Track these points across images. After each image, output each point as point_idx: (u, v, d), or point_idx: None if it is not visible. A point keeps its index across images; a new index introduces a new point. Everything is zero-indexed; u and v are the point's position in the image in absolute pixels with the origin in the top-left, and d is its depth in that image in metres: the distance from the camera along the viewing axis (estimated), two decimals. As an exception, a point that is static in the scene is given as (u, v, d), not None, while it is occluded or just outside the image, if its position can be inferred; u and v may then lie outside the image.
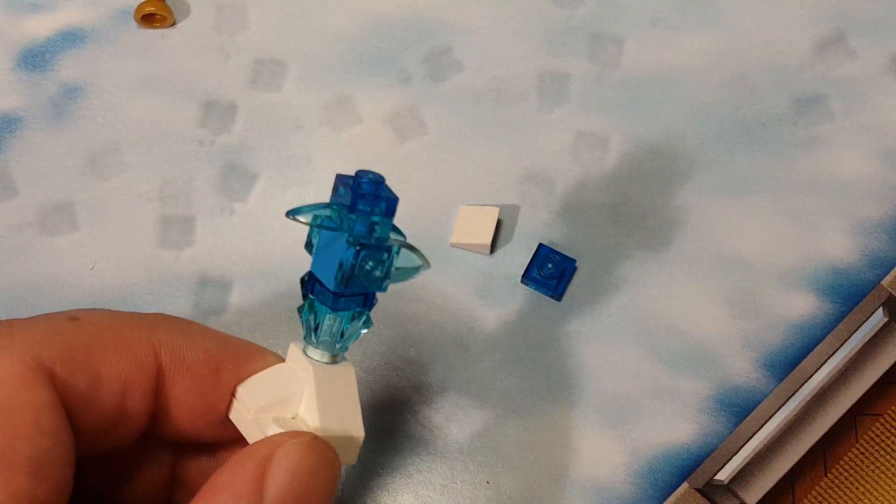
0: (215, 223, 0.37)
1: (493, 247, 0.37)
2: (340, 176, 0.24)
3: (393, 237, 0.25)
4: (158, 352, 0.24)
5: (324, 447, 0.23)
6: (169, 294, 0.36)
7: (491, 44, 0.40)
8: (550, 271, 0.36)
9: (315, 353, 0.25)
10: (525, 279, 0.36)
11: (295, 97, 0.40)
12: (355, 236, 0.24)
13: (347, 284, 0.24)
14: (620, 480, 0.33)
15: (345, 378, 0.25)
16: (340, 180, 0.24)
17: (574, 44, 0.40)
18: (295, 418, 0.24)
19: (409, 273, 0.25)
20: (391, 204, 0.24)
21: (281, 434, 0.23)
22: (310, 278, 0.25)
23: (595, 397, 0.34)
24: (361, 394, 0.25)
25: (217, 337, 0.25)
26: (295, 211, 0.23)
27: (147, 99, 0.40)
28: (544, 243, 0.36)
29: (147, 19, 0.40)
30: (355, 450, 0.25)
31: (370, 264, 0.24)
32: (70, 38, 0.41)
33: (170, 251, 0.37)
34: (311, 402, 0.24)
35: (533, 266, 0.36)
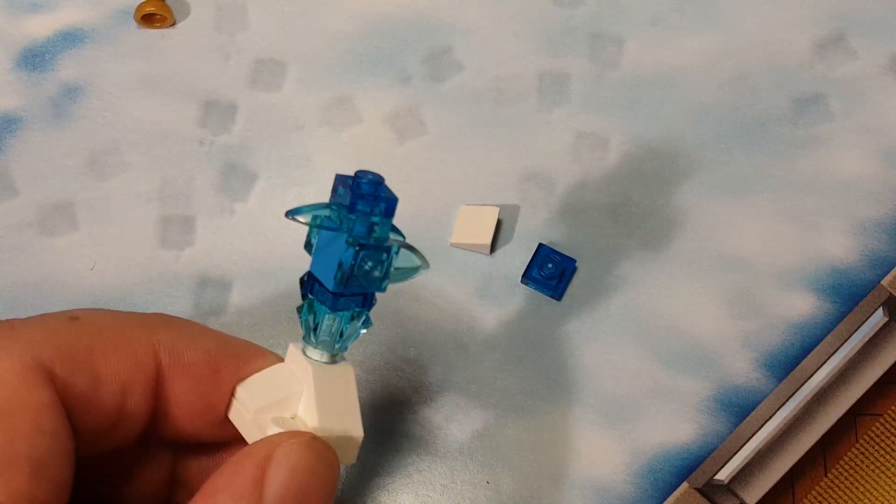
0: (215, 223, 0.37)
1: (493, 247, 0.37)
2: (340, 176, 0.24)
3: (392, 237, 0.25)
4: (158, 352, 0.24)
5: (323, 447, 0.23)
6: (169, 294, 0.36)
7: (491, 44, 0.40)
8: (550, 271, 0.36)
9: (314, 353, 0.25)
10: (525, 279, 0.36)
11: (295, 97, 0.40)
12: (355, 236, 0.24)
13: (347, 284, 0.24)
14: (620, 480, 0.33)
15: (344, 378, 0.25)
16: (340, 180, 0.24)
17: (574, 44, 0.40)
18: (294, 418, 0.24)
19: (409, 273, 0.25)
20: (390, 204, 0.24)
21: (280, 434, 0.23)
22: (309, 278, 0.25)
23: (595, 397, 0.34)
24: (361, 394, 0.26)
25: (217, 337, 0.25)
26: (294, 211, 0.24)
27: (147, 99, 0.40)
28: (544, 243, 0.36)
29: (147, 19, 0.40)
30: (354, 450, 0.25)
31: (369, 264, 0.24)
32: (70, 38, 0.41)
33: (170, 251, 0.37)
34: (311, 402, 0.24)
35: (533, 266, 0.36)
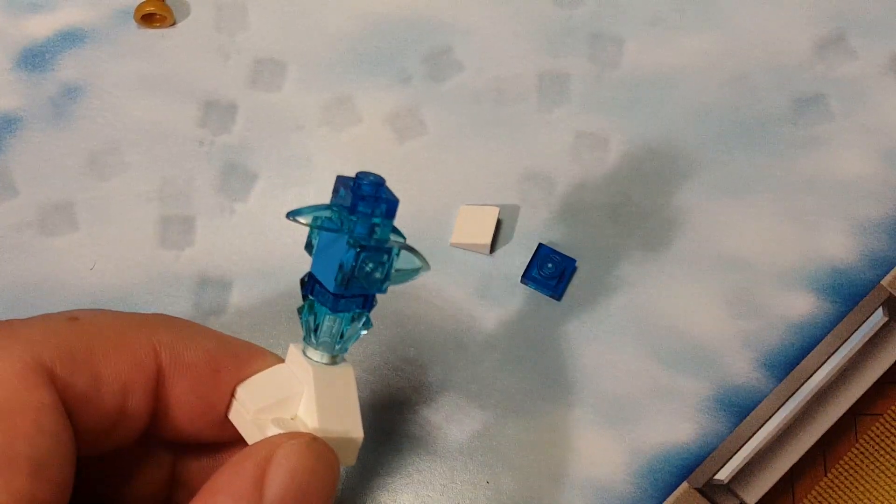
0: (215, 223, 0.37)
1: (493, 247, 0.37)
2: (341, 177, 0.24)
3: (393, 239, 0.25)
4: (158, 352, 0.24)
5: (323, 448, 0.23)
6: (169, 294, 0.36)
7: (491, 44, 0.40)
8: (550, 271, 0.36)
9: (315, 354, 0.25)
10: (525, 279, 0.36)
11: (295, 97, 0.40)
12: (355, 238, 0.24)
13: (347, 286, 0.24)
14: (620, 480, 0.33)
15: (344, 379, 0.25)
16: (341, 182, 0.24)
17: (574, 44, 0.40)
18: (294, 419, 0.24)
19: (409, 275, 0.25)
20: (391, 206, 0.24)
21: (280, 435, 0.23)
22: (310, 279, 0.25)
23: (595, 397, 0.34)
24: (361, 394, 0.26)
25: (217, 337, 0.25)
26: (295, 212, 0.24)
27: (147, 99, 0.40)
28: (544, 243, 0.36)
29: (147, 19, 0.40)
30: (354, 451, 0.25)
31: (370, 266, 0.24)
32: (70, 38, 0.41)
33: (170, 251, 0.37)
34: (311, 403, 0.24)
35: (533, 266, 0.36)
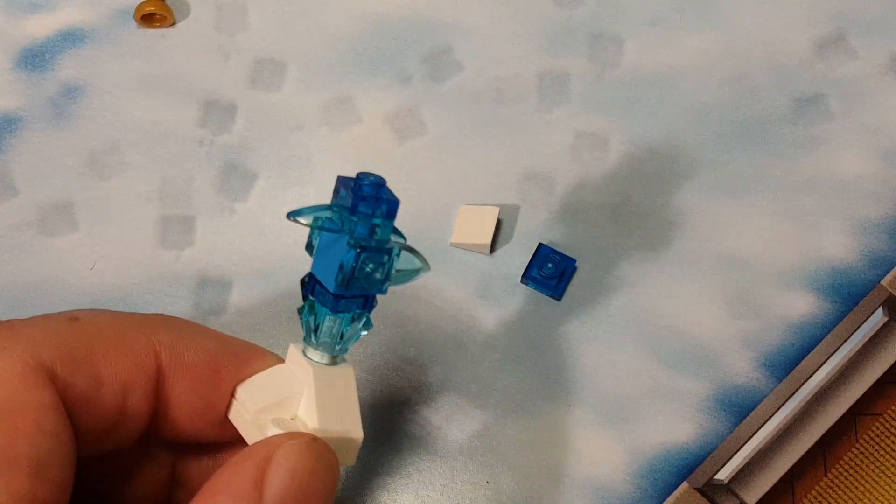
0: (215, 223, 0.37)
1: (493, 247, 0.37)
2: (341, 178, 0.24)
3: (393, 239, 0.25)
4: (159, 352, 0.24)
5: (323, 448, 0.23)
6: (169, 294, 0.36)
7: (491, 44, 0.40)
8: (550, 271, 0.36)
9: (315, 355, 0.25)
10: (525, 279, 0.36)
11: (295, 97, 0.40)
12: (356, 238, 0.24)
13: (348, 286, 0.24)
14: (620, 480, 0.33)
15: (344, 379, 0.25)
16: (341, 182, 0.24)
17: (574, 44, 0.40)
18: (294, 419, 0.24)
19: (410, 275, 0.25)
20: (392, 206, 0.24)
21: (280, 435, 0.23)
22: (310, 279, 0.25)
23: (595, 397, 0.34)
24: (361, 394, 0.26)
25: (217, 337, 0.25)
26: (296, 212, 0.24)
27: (147, 99, 0.40)
28: (544, 243, 0.36)
29: (147, 19, 0.40)
30: (354, 451, 0.25)
31: (370, 266, 0.24)
32: (70, 38, 0.41)
33: (170, 251, 0.37)
34: (311, 404, 0.24)
35: (533, 266, 0.36)
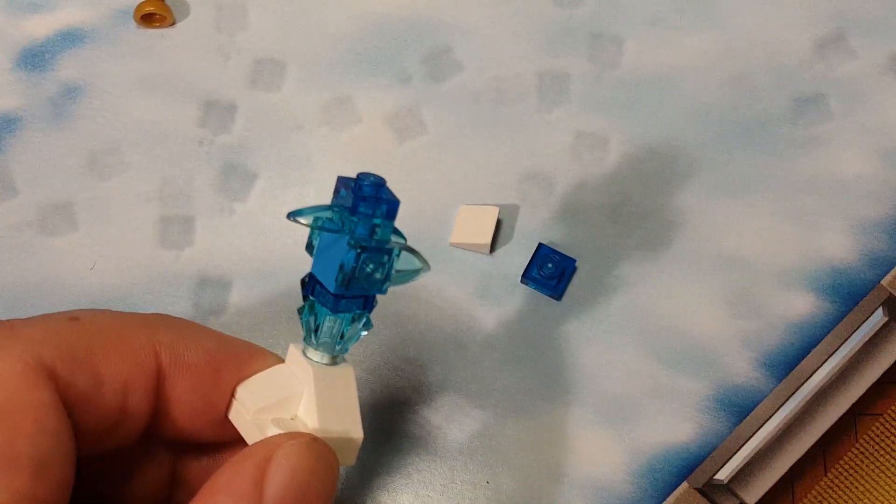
0: (215, 223, 0.37)
1: (493, 246, 0.37)
2: (342, 178, 0.24)
3: (394, 240, 0.25)
4: (159, 352, 0.24)
5: (323, 448, 0.23)
6: (169, 294, 0.36)
7: (491, 44, 0.40)
8: (550, 271, 0.36)
9: (315, 355, 0.25)
10: (525, 279, 0.36)
11: (295, 97, 0.40)
12: (356, 239, 0.24)
13: (348, 286, 0.24)
14: (620, 480, 0.33)
15: (344, 380, 0.25)
16: (342, 182, 0.24)
17: (574, 44, 0.40)
18: (294, 419, 0.24)
19: (410, 276, 0.25)
20: (392, 207, 0.24)
21: (280, 435, 0.23)
22: (310, 280, 0.25)
23: (595, 397, 0.34)
24: (361, 394, 0.26)
25: (217, 337, 0.25)
26: (296, 213, 0.24)
27: (147, 99, 0.40)
28: (544, 243, 0.36)
29: (147, 19, 0.40)
30: (354, 451, 0.25)
31: (371, 267, 0.24)
32: (70, 38, 0.41)
33: (170, 251, 0.37)
34: (311, 404, 0.24)
35: (533, 266, 0.36)
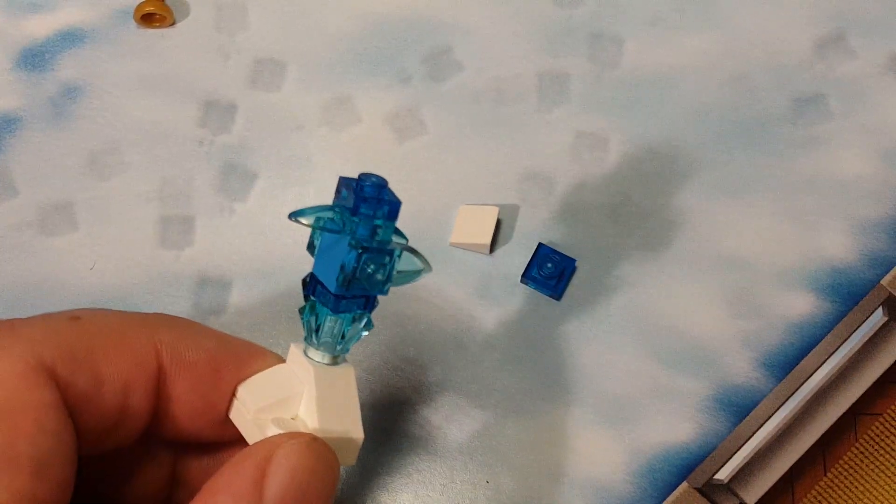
0: (215, 223, 0.37)
1: (493, 246, 0.37)
2: (343, 178, 0.24)
3: (395, 240, 0.25)
4: (159, 351, 0.24)
5: (323, 448, 0.23)
6: (169, 294, 0.36)
7: (491, 44, 0.40)
8: (550, 271, 0.36)
9: (316, 355, 0.25)
10: (525, 279, 0.36)
11: (295, 97, 0.40)
12: (357, 239, 0.24)
13: (349, 287, 0.24)
14: (620, 480, 0.34)
15: (345, 380, 0.25)
16: (343, 183, 0.24)
17: (574, 44, 0.40)
18: (294, 419, 0.24)
19: (411, 276, 0.25)
20: (394, 207, 0.24)
21: (280, 435, 0.23)
22: (311, 280, 0.25)
23: (594, 397, 0.34)
24: (361, 394, 0.26)
25: (217, 337, 0.25)
26: (297, 213, 0.24)
27: (147, 99, 0.40)
28: (544, 243, 0.36)
29: (147, 19, 0.40)
30: (354, 451, 0.25)
31: (372, 267, 0.24)
32: (70, 38, 0.41)
33: (170, 251, 0.37)
34: (311, 404, 0.24)
35: (532, 266, 0.36)
